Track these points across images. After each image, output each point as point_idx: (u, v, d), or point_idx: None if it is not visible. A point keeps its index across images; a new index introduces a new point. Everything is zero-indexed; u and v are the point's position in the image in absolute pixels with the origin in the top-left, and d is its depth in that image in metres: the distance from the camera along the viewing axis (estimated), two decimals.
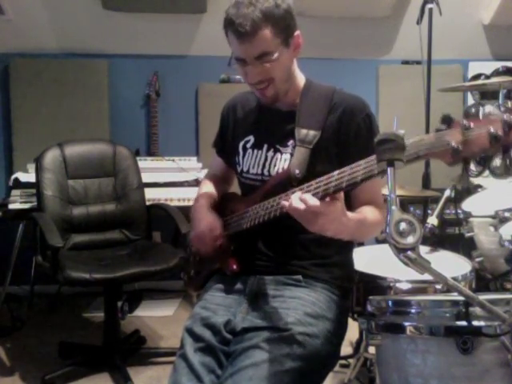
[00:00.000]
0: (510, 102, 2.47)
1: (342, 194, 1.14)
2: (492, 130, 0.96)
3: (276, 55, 1.30)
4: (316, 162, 1.35)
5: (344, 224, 1.17)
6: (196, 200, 1.57)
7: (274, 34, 1.29)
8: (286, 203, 1.14)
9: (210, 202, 1.54)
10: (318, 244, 1.39)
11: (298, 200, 1.11)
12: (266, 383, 1.17)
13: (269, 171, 1.43)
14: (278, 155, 1.42)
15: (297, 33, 1.36)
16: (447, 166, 1.08)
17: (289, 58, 1.37)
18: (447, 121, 1.02)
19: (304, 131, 1.37)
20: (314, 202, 1.10)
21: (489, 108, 2.75)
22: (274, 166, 1.42)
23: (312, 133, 1.37)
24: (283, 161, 1.41)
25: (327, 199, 1.13)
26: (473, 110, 2.98)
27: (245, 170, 1.49)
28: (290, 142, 1.40)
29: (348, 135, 1.36)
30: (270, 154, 1.43)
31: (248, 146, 1.49)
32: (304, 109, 1.41)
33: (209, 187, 1.63)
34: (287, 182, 1.32)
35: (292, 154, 1.38)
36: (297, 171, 1.32)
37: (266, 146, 1.45)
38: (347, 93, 1.43)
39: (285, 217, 1.26)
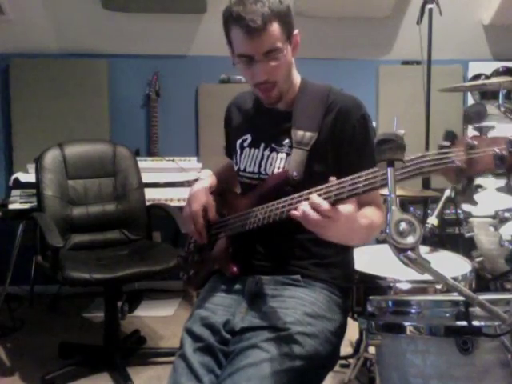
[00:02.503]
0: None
1: (354, 200, 1.13)
2: (497, 150, 0.96)
3: (284, 51, 1.32)
4: (313, 164, 1.35)
5: (355, 231, 1.17)
6: (200, 179, 1.58)
7: (280, 29, 1.30)
8: (296, 213, 1.13)
9: (212, 184, 1.54)
10: (317, 244, 1.39)
11: (310, 208, 1.11)
12: (265, 383, 1.17)
13: (265, 170, 1.43)
14: (274, 154, 1.42)
15: (296, 31, 1.37)
16: None
17: (290, 56, 1.37)
18: (450, 137, 1.01)
19: (300, 133, 1.37)
20: (326, 206, 1.09)
21: (491, 124, 2.76)
22: (270, 164, 1.42)
23: (308, 134, 1.37)
24: (279, 160, 1.41)
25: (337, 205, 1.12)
26: (476, 125, 2.99)
27: (242, 168, 1.49)
28: (286, 142, 1.40)
29: (343, 136, 1.36)
30: (267, 152, 1.44)
31: (245, 144, 1.50)
32: (300, 110, 1.41)
33: (217, 169, 1.64)
34: (285, 184, 1.32)
35: (288, 154, 1.39)
36: (295, 173, 1.32)
37: (262, 145, 1.45)
38: (343, 93, 1.43)
39: (284, 220, 1.25)
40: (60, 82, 3.55)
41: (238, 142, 1.51)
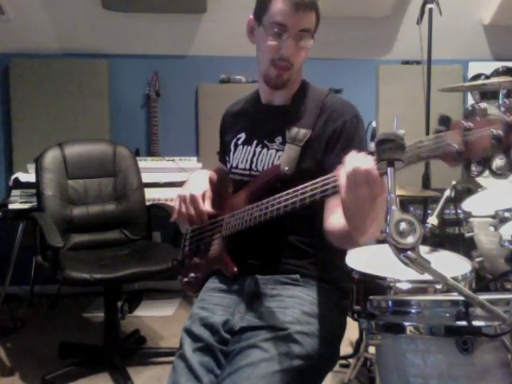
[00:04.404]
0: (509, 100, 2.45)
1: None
2: (493, 131, 0.96)
3: (310, 40, 1.37)
4: (305, 160, 1.36)
5: (374, 221, 1.09)
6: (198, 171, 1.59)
7: (315, 20, 1.38)
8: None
9: (212, 177, 1.55)
10: (312, 245, 1.40)
11: (357, 157, 1.02)
12: (265, 383, 1.17)
13: (256, 166, 1.44)
14: (265, 151, 1.43)
15: (315, 34, 1.41)
16: (447, 167, 1.08)
17: (308, 50, 1.40)
18: (445, 121, 1.02)
19: (295, 129, 1.39)
20: (369, 163, 1.00)
21: (484, 105, 2.75)
22: (261, 161, 1.43)
23: (303, 131, 1.38)
24: (269, 156, 1.42)
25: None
26: (469, 108, 2.98)
27: (234, 165, 1.50)
28: (278, 139, 1.41)
29: (333, 133, 1.37)
30: (258, 149, 1.45)
31: (239, 142, 1.51)
32: (297, 107, 1.43)
33: (214, 168, 1.65)
34: (277, 179, 1.33)
35: (278, 150, 1.40)
36: (286, 168, 1.34)
37: (255, 142, 1.47)
38: (340, 98, 1.46)
39: (280, 217, 1.26)
40: (60, 81, 3.55)
41: (233, 140, 1.52)
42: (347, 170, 1.01)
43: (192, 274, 1.55)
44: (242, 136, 1.51)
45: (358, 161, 1.01)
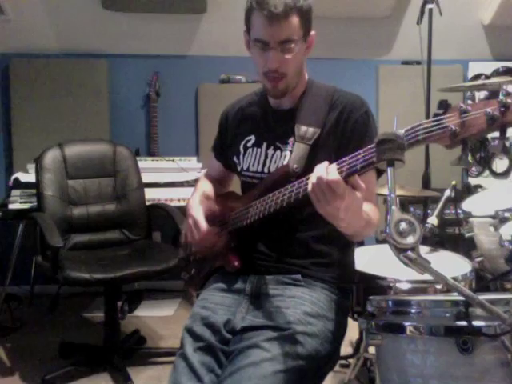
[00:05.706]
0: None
1: (363, 187, 1.13)
2: (489, 110, 0.97)
3: (298, 46, 1.34)
4: (315, 159, 1.35)
5: (356, 219, 1.17)
6: (192, 196, 1.59)
7: (300, 23, 1.33)
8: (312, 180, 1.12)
9: (204, 198, 1.56)
10: (319, 242, 1.40)
11: (324, 169, 1.10)
12: (266, 382, 1.17)
13: (269, 168, 1.44)
14: (278, 152, 1.43)
15: (313, 32, 1.39)
16: (447, 167, 1.08)
17: (303, 54, 1.39)
18: (444, 106, 1.03)
19: (304, 128, 1.39)
20: (336, 175, 1.08)
21: (484, 93, 2.76)
22: (274, 162, 1.43)
23: (311, 130, 1.38)
24: (283, 158, 1.42)
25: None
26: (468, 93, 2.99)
27: (245, 168, 1.50)
28: (291, 140, 1.41)
29: (345, 131, 1.38)
30: (270, 151, 1.45)
31: (249, 145, 1.51)
32: (305, 106, 1.43)
33: (206, 184, 1.66)
34: (286, 177, 1.33)
35: (292, 151, 1.39)
36: (295, 166, 1.34)
37: (265, 144, 1.46)
38: (347, 91, 1.45)
39: (284, 212, 1.26)
40: (60, 81, 3.55)
41: (242, 143, 1.52)
42: (313, 185, 1.10)
43: (194, 270, 1.56)
44: (252, 138, 1.50)
45: (321, 174, 1.09)
